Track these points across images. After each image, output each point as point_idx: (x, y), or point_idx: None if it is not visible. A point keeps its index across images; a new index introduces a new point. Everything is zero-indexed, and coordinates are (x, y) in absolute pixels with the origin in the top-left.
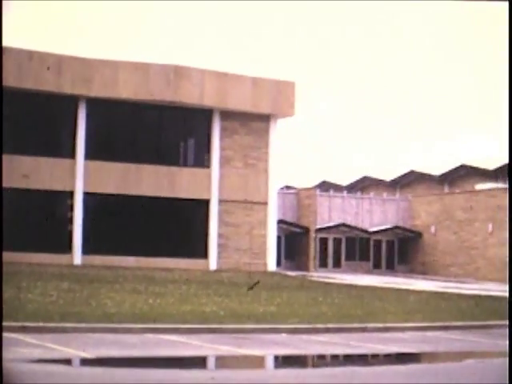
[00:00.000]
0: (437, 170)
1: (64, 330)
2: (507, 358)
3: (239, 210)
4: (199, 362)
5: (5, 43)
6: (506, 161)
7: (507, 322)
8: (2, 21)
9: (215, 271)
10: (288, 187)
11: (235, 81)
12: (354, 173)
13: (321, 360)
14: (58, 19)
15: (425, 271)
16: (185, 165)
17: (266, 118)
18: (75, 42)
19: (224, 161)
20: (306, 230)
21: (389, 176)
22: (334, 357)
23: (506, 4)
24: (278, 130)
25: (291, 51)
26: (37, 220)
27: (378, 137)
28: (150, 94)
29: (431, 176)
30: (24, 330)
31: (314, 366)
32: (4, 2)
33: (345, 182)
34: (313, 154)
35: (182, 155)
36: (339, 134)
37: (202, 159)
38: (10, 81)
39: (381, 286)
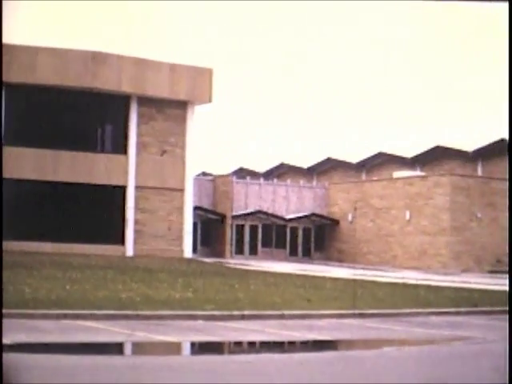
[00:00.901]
0: (355, 157)
1: None
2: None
3: (156, 197)
4: (116, 348)
5: None
6: (424, 149)
7: (434, 310)
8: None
9: (132, 257)
10: (205, 174)
11: (153, 67)
12: (271, 160)
13: (237, 347)
14: None
15: (342, 259)
16: (102, 151)
17: (183, 105)
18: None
19: (141, 147)
20: (223, 217)
21: (306, 163)
22: (251, 344)
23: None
24: (196, 117)
25: (210, 37)
26: None
27: (296, 124)
28: (68, 79)
29: (348, 163)
30: None
31: (231, 352)
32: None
33: (262, 169)
34: (230, 141)
35: (99, 141)
36: (256, 121)
37: (119, 145)
38: None
39: (297, 273)
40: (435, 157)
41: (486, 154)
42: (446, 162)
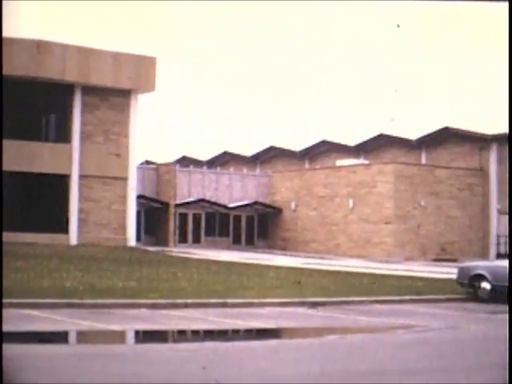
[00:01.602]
0: (298, 145)
1: None
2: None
3: (99, 185)
4: (60, 337)
5: None
6: (368, 137)
7: (378, 298)
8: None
9: (76, 246)
10: (148, 162)
11: (97, 56)
12: (214, 148)
13: (181, 335)
14: None
15: (285, 247)
16: (46, 140)
17: (126, 93)
18: None
19: (85, 136)
20: (166, 206)
21: (249, 151)
22: (194, 332)
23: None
24: (139, 105)
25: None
26: None
27: (239, 112)
28: (12, 68)
29: (292, 152)
30: None
31: (174, 341)
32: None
33: (205, 158)
34: (173, 129)
35: (43, 130)
36: (199, 110)
37: (63, 134)
38: None
39: (240, 261)
40: (379, 145)
41: (429, 142)
42: (389, 151)
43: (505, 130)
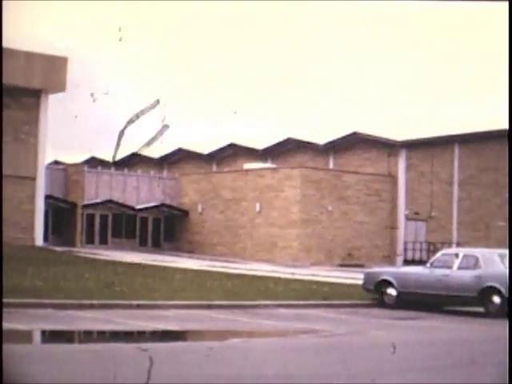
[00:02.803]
0: (206, 148)
1: None
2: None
3: (8, 185)
4: None
5: None
6: (276, 140)
7: (283, 302)
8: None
9: None
10: (57, 162)
11: (8, 55)
12: (122, 150)
13: (86, 336)
14: None
15: (192, 250)
16: None
17: (37, 93)
18: None
19: None
20: (73, 206)
21: (157, 153)
22: (99, 333)
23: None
24: (50, 105)
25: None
26: None
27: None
28: None
29: (199, 154)
30: None
31: (79, 341)
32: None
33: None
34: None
35: None
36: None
37: None
38: None
39: (147, 263)
40: (287, 149)
41: (337, 147)
42: (297, 155)
43: (414, 136)
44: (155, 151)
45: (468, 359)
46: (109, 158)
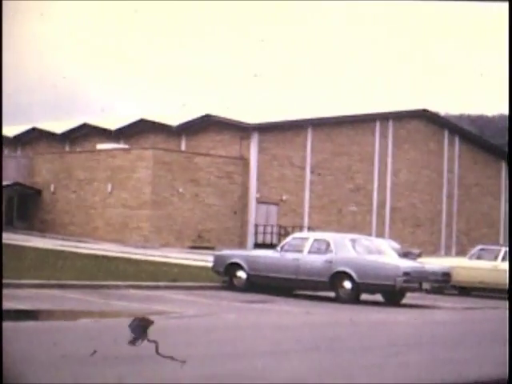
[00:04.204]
0: (59, 128)
1: None
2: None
3: None
4: None
5: None
6: (129, 121)
7: (133, 283)
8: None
9: None
10: None
11: None
12: None
13: None
14: None
15: (44, 229)
16: None
17: None
18: None
19: None
20: None
21: (11, 133)
22: None
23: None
24: None
25: None
26: None
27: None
28: None
29: (53, 134)
30: None
31: None
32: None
33: None
34: None
35: None
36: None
37: None
38: None
39: None
40: (140, 130)
41: (190, 129)
42: (150, 136)
43: (267, 119)
44: (9, 131)
45: (314, 344)
46: None
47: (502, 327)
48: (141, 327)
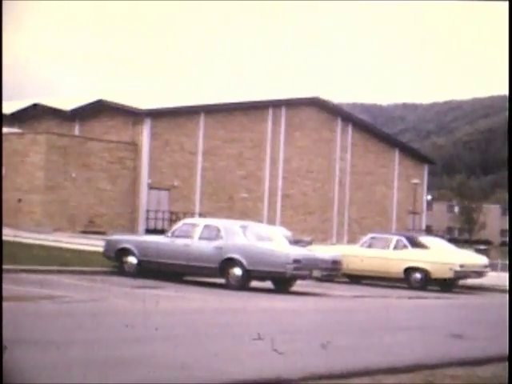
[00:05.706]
0: None
1: None
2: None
3: None
4: None
5: None
6: (22, 106)
7: (24, 268)
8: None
9: None
10: None
11: None
12: None
13: None
14: None
15: None
16: None
17: None
18: None
19: None
20: None
21: None
22: None
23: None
24: None
25: None
26: None
27: None
28: None
29: None
30: None
31: None
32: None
33: None
34: None
35: None
36: None
37: None
38: None
39: None
40: (34, 114)
41: (83, 114)
42: (44, 121)
43: (160, 105)
44: None
45: (202, 330)
46: None
47: (382, 316)
48: None
